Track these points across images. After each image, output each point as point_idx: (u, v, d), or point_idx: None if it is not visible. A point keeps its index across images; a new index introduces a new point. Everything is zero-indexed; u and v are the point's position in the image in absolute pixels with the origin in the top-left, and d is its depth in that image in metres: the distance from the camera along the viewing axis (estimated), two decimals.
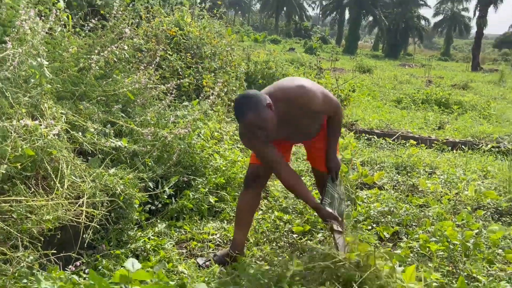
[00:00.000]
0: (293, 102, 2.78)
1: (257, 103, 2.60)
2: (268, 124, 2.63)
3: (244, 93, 2.74)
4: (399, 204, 4.36)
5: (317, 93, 2.82)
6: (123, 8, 5.99)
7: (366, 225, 3.90)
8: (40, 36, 3.60)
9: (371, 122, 8.60)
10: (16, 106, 2.99)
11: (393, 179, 5.29)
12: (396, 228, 3.89)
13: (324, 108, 2.92)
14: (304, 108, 2.82)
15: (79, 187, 3.11)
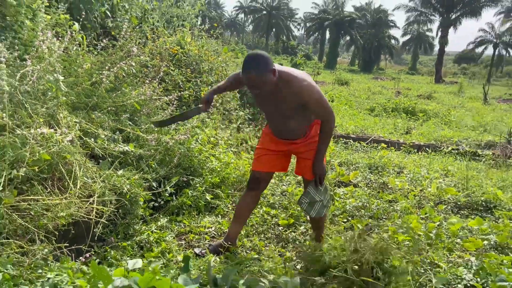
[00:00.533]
0: (290, 85, 2.62)
1: (263, 64, 2.51)
2: (265, 87, 2.55)
3: (256, 52, 2.57)
4: (371, 199, 4.34)
5: (315, 90, 2.67)
6: (130, 30, 5.95)
7: (342, 218, 3.87)
8: (56, 54, 3.55)
9: (348, 128, 8.59)
10: (35, 116, 2.95)
11: (366, 177, 5.27)
12: (369, 221, 3.87)
13: (316, 107, 2.71)
14: (296, 96, 2.64)
15: (91, 187, 3.07)
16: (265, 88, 2.56)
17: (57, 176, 2.93)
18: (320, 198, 3.01)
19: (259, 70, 2.49)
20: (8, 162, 2.52)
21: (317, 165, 2.94)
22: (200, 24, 9.03)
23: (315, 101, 2.68)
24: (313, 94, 2.66)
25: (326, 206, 3.08)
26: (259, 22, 75.26)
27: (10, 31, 4.31)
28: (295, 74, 2.66)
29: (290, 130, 2.95)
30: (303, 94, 2.63)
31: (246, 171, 4.40)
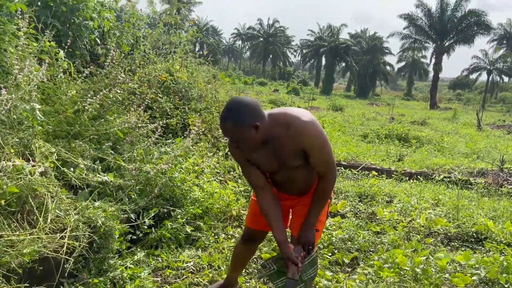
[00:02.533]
0: (289, 129, 2.15)
1: (243, 117, 2.05)
2: (244, 143, 2.14)
3: (241, 100, 2.12)
4: (359, 231, 4.21)
5: (318, 134, 2.18)
6: (117, 57, 5.91)
7: (328, 251, 3.73)
8: (34, 82, 3.47)
9: (340, 154, 8.50)
10: (6, 147, 2.84)
11: (355, 207, 5.15)
12: (355, 254, 3.74)
13: (317, 155, 2.21)
14: (297, 140, 2.16)
15: (63, 220, 2.94)
16: (245, 145, 2.16)
17: (27, 210, 2.81)
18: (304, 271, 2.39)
19: (237, 122, 2.05)
20: None
21: (305, 231, 2.39)
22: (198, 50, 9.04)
23: (318, 146, 2.20)
24: (317, 136, 2.18)
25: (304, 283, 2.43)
26: (256, 49, 76.29)
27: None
28: (295, 114, 2.18)
29: (296, 184, 2.47)
30: (304, 134, 2.15)
31: (230, 201, 4.28)
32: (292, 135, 2.16)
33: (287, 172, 2.37)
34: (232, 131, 2.10)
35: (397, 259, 3.16)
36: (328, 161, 2.27)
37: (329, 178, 2.31)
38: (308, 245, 2.38)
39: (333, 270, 3.51)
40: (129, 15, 7.54)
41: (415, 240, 3.89)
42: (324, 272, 3.31)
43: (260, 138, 2.15)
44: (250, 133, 2.09)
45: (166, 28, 8.60)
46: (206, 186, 4.27)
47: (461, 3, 38.11)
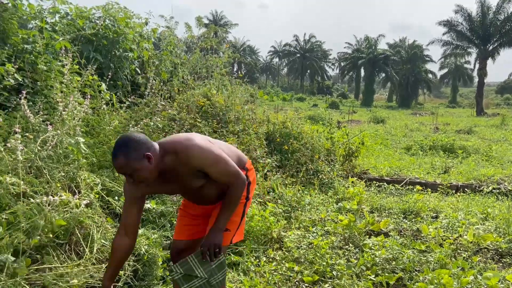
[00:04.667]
0: (178, 156, 2.21)
1: (133, 150, 2.10)
2: (139, 175, 2.14)
3: (127, 135, 2.17)
4: (403, 250, 4.10)
5: (206, 152, 2.24)
6: (157, 85, 6.11)
7: (371, 273, 3.66)
8: (77, 117, 3.65)
9: (382, 169, 8.34)
10: (52, 182, 2.99)
11: (399, 224, 5.03)
12: (400, 275, 3.64)
13: (214, 170, 2.28)
14: (187, 164, 2.23)
15: (108, 250, 3.05)
16: (142, 177, 2.16)
17: (74, 240, 2.94)
18: (203, 274, 2.39)
19: (128, 155, 2.09)
20: (23, 231, 2.54)
21: (210, 234, 2.38)
22: (236, 70, 9.21)
23: (210, 163, 2.26)
24: (205, 155, 2.24)
25: (213, 286, 2.42)
26: (294, 65, 76.58)
27: (41, 95, 4.50)
28: (179, 139, 2.28)
29: (207, 197, 2.52)
30: (192, 157, 2.21)
31: (270, 223, 4.28)
32: (182, 161, 2.24)
33: (194, 192, 2.46)
34: (125, 166, 2.12)
35: (443, 279, 3.06)
36: (227, 172, 2.33)
37: (236, 184, 2.37)
38: (213, 247, 2.36)
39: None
40: (166, 43, 7.80)
41: (460, 259, 3.74)
42: None
43: (155, 168, 2.19)
44: (143, 164, 2.13)
45: (203, 53, 8.82)
46: None
47: (503, 5, 36.83)
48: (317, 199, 5.71)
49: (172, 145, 2.25)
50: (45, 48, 5.00)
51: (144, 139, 2.17)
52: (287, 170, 6.37)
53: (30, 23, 5.45)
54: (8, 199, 2.69)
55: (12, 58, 4.54)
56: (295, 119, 7.66)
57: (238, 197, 2.41)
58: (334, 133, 8.17)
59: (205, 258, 2.37)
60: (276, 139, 6.87)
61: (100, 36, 6.12)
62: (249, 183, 2.59)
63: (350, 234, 4.47)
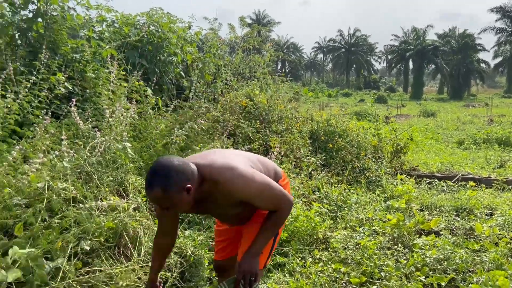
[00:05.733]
0: (219, 186, 1.99)
1: (173, 182, 1.85)
2: (177, 208, 1.97)
3: (167, 162, 1.89)
4: (456, 249, 3.94)
5: (250, 183, 2.02)
6: (200, 88, 6.21)
7: (421, 274, 3.54)
8: (124, 123, 3.76)
9: (433, 165, 8.06)
10: (101, 187, 3.10)
11: (450, 223, 4.83)
12: (452, 275, 3.50)
13: (259, 200, 2.08)
14: (229, 196, 2.03)
15: None
16: (178, 209, 1.99)
17: (123, 243, 3.03)
18: None
19: (166, 189, 1.84)
20: (74, 235, 2.65)
21: (246, 259, 2.15)
22: (280, 68, 9.22)
23: (254, 194, 2.05)
24: (249, 187, 2.02)
25: None
26: (338, 60, 75.55)
27: (90, 102, 4.68)
28: (219, 167, 2.00)
29: (237, 220, 2.36)
30: (234, 191, 2.00)
31: (316, 223, 4.24)
32: (222, 192, 2.02)
33: (229, 217, 2.32)
34: (162, 199, 1.88)
35: (498, 281, 2.92)
36: (273, 199, 2.11)
37: (282, 210, 2.16)
38: (249, 275, 2.14)
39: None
40: (209, 45, 7.90)
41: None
42: None
43: (193, 199, 1.97)
44: (182, 197, 1.90)
45: (245, 53, 8.87)
46: None
47: None
48: (364, 198, 5.60)
49: (212, 173, 1.99)
50: (93, 56, 5.20)
51: (184, 167, 1.91)
52: (332, 169, 6.28)
53: (79, 32, 5.67)
54: (60, 205, 2.81)
55: (62, 68, 4.75)
56: (340, 116, 7.54)
57: (282, 222, 2.23)
58: (381, 129, 7.98)
59: (238, 287, 2.15)
60: (321, 137, 6.79)
61: (145, 42, 6.29)
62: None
63: (399, 233, 4.34)
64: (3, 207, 2.75)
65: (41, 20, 4.94)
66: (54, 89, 4.43)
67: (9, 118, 3.66)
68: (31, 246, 2.57)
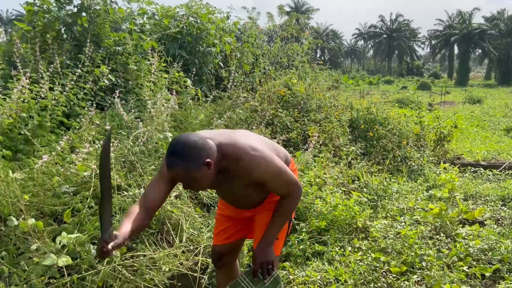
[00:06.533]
0: (238, 164, 1.99)
1: (193, 159, 1.85)
2: (197, 184, 1.96)
3: (184, 139, 1.87)
4: (501, 240, 3.82)
5: (269, 164, 2.03)
6: (238, 78, 6.25)
7: (464, 264, 3.46)
8: (165, 114, 3.86)
9: (478, 154, 7.78)
10: (144, 175, 3.21)
11: (497, 212, 4.68)
12: (497, 266, 3.40)
13: (274, 183, 2.09)
14: (247, 175, 2.03)
15: (197, 238, 3.21)
16: (198, 186, 1.99)
17: (165, 230, 3.13)
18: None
19: (187, 166, 1.84)
20: (119, 221, 2.76)
21: (261, 248, 2.17)
22: (319, 56, 9.15)
23: (271, 177, 2.06)
24: (267, 168, 2.03)
25: None
26: (380, 46, 73.82)
27: (132, 94, 4.82)
28: (243, 146, 2.00)
29: (251, 203, 2.33)
30: (253, 170, 2.00)
31: (355, 212, 4.21)
32: (241, 170, 2.01)
33: (238, 198, 2.28)
34: (184, 177, 1.88)
35: None
36: (287, 183, 2.11)
37: (293, 196, 2.16)
38: (266, 264, 2.16)
39: (471, 284, 3.26)
40: (247, 35, 7.93)
41: None
42: (460, 287, 3.08)
43: (213, 174, 1.96)
44: (204, 173, 1.89)
45: (284, 41, 8.83)
46: (329, 198, 4.27)
47: None
48: (406, 187, 5.50)
49: (233, 151, 1.99)
50: (134, 48, 5.34)
51: (203, 142, 1.90)
52: (372, 158, 6.20)
53: (121, 25, 5.83)
54: None
55: (106, 60, 4.90)
56: (380, 104, 7.41)
57: (293, 209, 2.24)
58: (424, 116, 7.78)
59: (257, 277, 2.17)
60: (360, 125, 6.71)
61: (184, 33, 6.39)
62: None
63: (441, 223, 4.25)
64: (52, 194, 2.89)
65: (85, 14, 5.11)
66: (98, 81, 4.59)
67: (57, 110, 3.82)
68: (78, 231, 2.70)
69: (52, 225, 2.78)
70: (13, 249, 2.55)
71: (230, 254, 2.58)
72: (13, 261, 2.50)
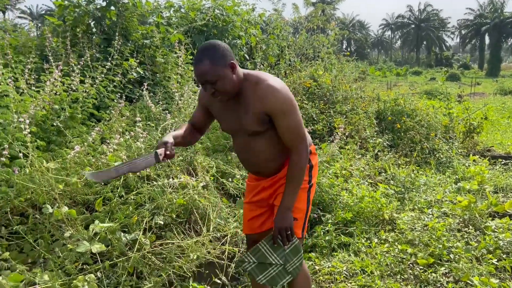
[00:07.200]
0: (257, 87, 2.03)
1: (219, 56, 1.94)
2: (221, 84, 1.97)
3: (213, 41, 2.01)
4: None
5: (286, 100, 2.04)
6: (264, 70, 6.25)
7: (494, 257, 3.41)
8: (192, 106, 3.91)
9: (510, 146, 7.59)
10: (172, 166, 3.27)
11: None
12: None
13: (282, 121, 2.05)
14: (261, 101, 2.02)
15: (223, 228, 3.26)
16: (224, 87, 1.99)
17: (193, 219, 3.18)
18: (278, 261, 2.22)
19: (213, 61, 1.94)
20: (148, 210, 2.83)
21: (279, 215, 2.17)
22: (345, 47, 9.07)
23: (284, 110, 2.04)
24: (284, 101, 2.03)
25: (291, 274, 2.24)
26: (408, 37, 72.41)
27: (160, 86, 4.89)
28: (266, 77, 2.08)
29: (259, 156, 2.24)
30: (269, 96, 2.01)
31: (382, 204, 4.19)
32: (258, 94, 2.03)
33: (244, 137, 2.20)
34: (210, 71, 1.94)
35: None
36: (296, 129, 2.08)
37: (300, 150, 2.11)
38: (284, 230, 2.15)
39: (501, 277, 3.21)
40: (273, 26, 7.92)
41: None
42: (488, 279, 3.04)
43: (236, 82, 2.02)
44: (227, 73, 1.97)
45: (309, 33, 8.78)
46: (355, 190, 4.26)
47: None
48: (434, 180, 5.42)
49: (257, 75, 2.09)
50: (161, 41, 5.40)
51: (225, 47, 2.00)
52: (399, 150, 6.13)
53: (148, 19, 5.90)
54: (135, 182, 3.01)
55: (134, 53, 4.99)
56: (408, 95, 7.30)
57: (303, 166, 2.15)
58: (452, 108, 7.62)
59: (277, 243, 2.19)
60: (388, 117, 6.63)
61: (210, 26, 6.43)
62: (312, 166, 2.33)
63: (470, 216, 4.19)
64: (84, 184, 2.98)
65: (114, 8, 5.20)
66: (127, 74, 4.68)
67: (88, 102, 3.92)
68: (109, 220, 2.78)
69: (84, 213, 2.88)
70: (48, 236, 2.65)
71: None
72: (48, 247, 2.60)
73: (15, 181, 2.69)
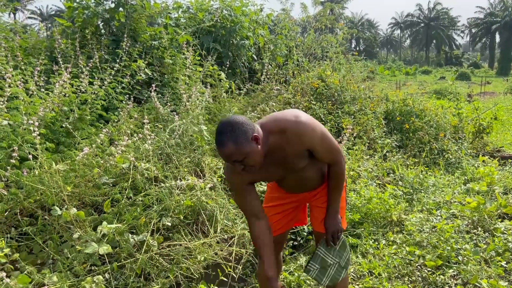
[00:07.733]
0: (286, 134, 2.05)
1: (241, 134, 1.93)
2: (250, 159, 1.98)
3: (229, 119, 1.97)
4: None
5: (315, 128, 2.08)
6: (272, 70, 6.25)
7: (503, 259, 3.38)
8: (200, 107, 3.92)
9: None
10: (180, 167, 3.28)
11: None
12: None
13: (321, 148, 2.13)
14: (298, 143, 2.07)
15: (231, 229, 3.26)
16: (253, 161, 2.00)
17: (201, 221, 3.20)
18: (334, 260, 2.42)
19: (238, 141, 1.92)
20: (156, 211, 2.85)
21: (330, 219, 2.35)
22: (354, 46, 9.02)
23: (320, 142, 2.10)
24: (314, 132, 2.08)
25: (344, 268, 2.46)
26: (417, 36, 72.00)
27: (168, 87, 4.91)
28: (285, 118, 2.08)
29: (309, 181, 2.37)
30: (302, 135, 2.05)
31: (390, 205, 4.17)
32: (290, 140, 2.06)
33: (296, 174, 2.27)
34: (236, 152, 1.93)
35: None
36: (332, 148, 2.18)
37: (339, 161, 2.23)
38: (334, 231, 2.37)
39: (510, 280, 3.18)
40: (281, 27, 7.90)
41: None
42: (497, 282, 3.02)
43: (262, 151, 2.02)
44: (253, 148, 1.96)
45: (317, 33, 8.76)
46: (363, 191, 4.25)
47: None
48: (442, 180, 5.38)
49: (277, 124, 2.07)
50: (170, 43, 5.42)
51: (247, 120, 1.99)
52: (408, 150, 6.10)
53: (157, 20, 5.92)
54: (143, 183, 3.03)
55: (142, 55, 5.01)
56: (417, 95, 7.25)
57: (343, 173, 2.29)
58: (462, 108, 7.56)
59: (330, 245, 2.39)
60: (396, 117, 6.60)
61: (218, 26, 6.43)
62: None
63: (479, 217, 4.16)
64: (93, 185, 3.01)
65: (122, 10, 5.23)
66: (135, 75, 4.70)
67: (96, 104, 3.95)
68: (117, 221, 2.80)
69: (92, 214, 2.90)
70: (57, 237, 2.67)
71: (280, 244, 2.65)
72: (57, 248, 2.62)
73: (25, 183, 2.72)
